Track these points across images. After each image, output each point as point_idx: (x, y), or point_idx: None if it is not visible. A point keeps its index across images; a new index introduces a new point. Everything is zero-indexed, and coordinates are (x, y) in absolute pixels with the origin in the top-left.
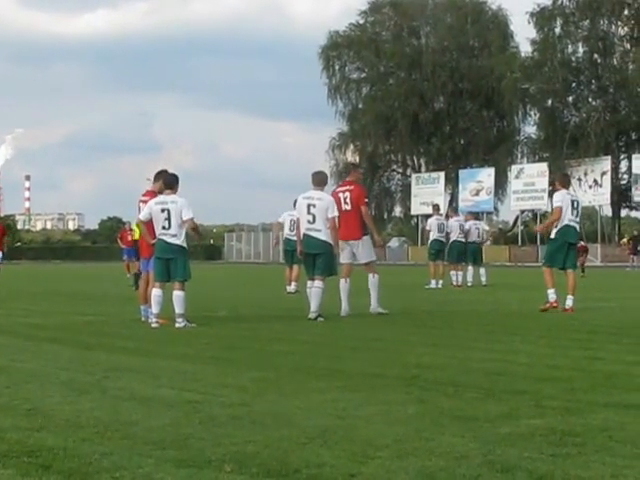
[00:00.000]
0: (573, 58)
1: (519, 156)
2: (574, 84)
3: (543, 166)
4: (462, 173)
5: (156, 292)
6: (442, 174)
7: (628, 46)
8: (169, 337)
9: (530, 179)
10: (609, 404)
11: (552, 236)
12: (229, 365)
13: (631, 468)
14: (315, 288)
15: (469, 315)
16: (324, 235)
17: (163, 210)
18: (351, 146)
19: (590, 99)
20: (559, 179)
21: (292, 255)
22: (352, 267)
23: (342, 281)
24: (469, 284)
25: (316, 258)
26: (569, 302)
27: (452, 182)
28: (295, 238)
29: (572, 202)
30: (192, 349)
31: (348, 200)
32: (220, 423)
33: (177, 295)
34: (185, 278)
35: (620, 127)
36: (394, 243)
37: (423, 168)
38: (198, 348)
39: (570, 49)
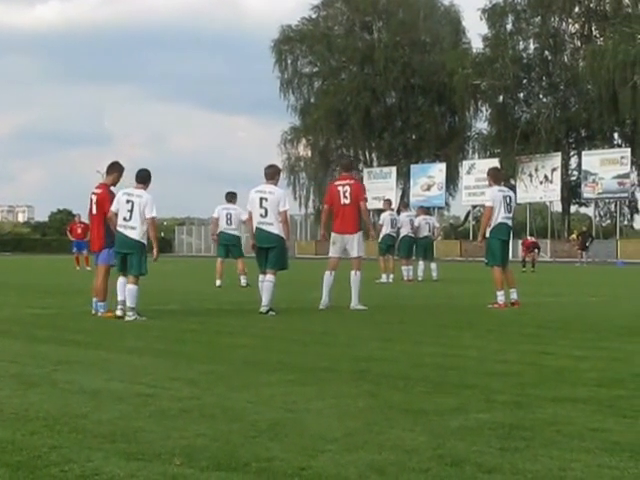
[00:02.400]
0: (524, 55)
1: (470, 152)
2: (525, 80)
3: (494, 162)
4: (414, 168)
5: (121, 280)
6: (394, 169)
7: (578, 43)
8: (119, 330)
9: (481, 174)
10: (557, 398)
11: (487, 235)
12: (179, 358)
13: (578, 462)
14: (267, 282)
15: (420, 310)
16: (276, 229)
17: (128, 201)
18: (303, 140)
19: (541, 96)
20: (490, 175)
21: (225, 248)
22: (339, 261)
23: (327, 273)
24: (420, 279)
25: (268, 252)
26: (514, 295)
27: (404, 177)
28: (230, 232)
29: (504, 198)
30: (142, 342)
31: (347, 194)
32: (170, 416)
33: (130, 289)
34: (140, 273)
35: (570, 124)
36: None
37: (375, 163)
38: (148, 341)
39: (521, 46)
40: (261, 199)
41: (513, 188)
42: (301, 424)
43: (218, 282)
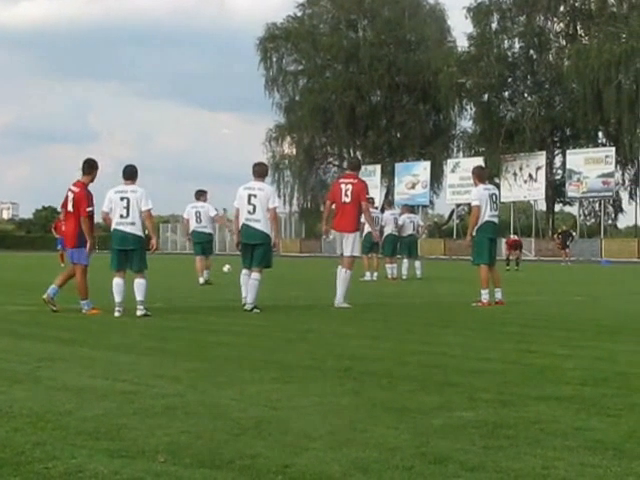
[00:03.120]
0: (509, 53)
1: (455, 150)
2: (510, 79)
3: (479, 160)
4: (398, 166)
5: (117, 281)
6: (378, 167)
7: (563, 42)
8: (104, 327)
9: (466, 173)
10: (541, 397)
11: (474, 234)
12: (163, 356)
13: (561, 460)
14: (252, 280)
15: (404, 308)
16: (263, 226)
17: (122, 198)
18: (288, 138)
19: (526, 94)
20: (475, 173)
21: (201, 246)
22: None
23: (342, 270)
24: (404, 277)
25: (254, 249)
26: (498, 295)
27: (388, 175)
28: (202, 230)
29: (490, 196)
30: (127, 340)
31: (349, 193)
32: (154, 414)
33: (139, 282)
34: (146, 267)
35: (555, 123)
36: (330, 236)
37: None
38: (133, 339)
39: (506, 44)
40: (250, 195)
41: (497, 187)
42: (285, 422)
43: (201, 280)
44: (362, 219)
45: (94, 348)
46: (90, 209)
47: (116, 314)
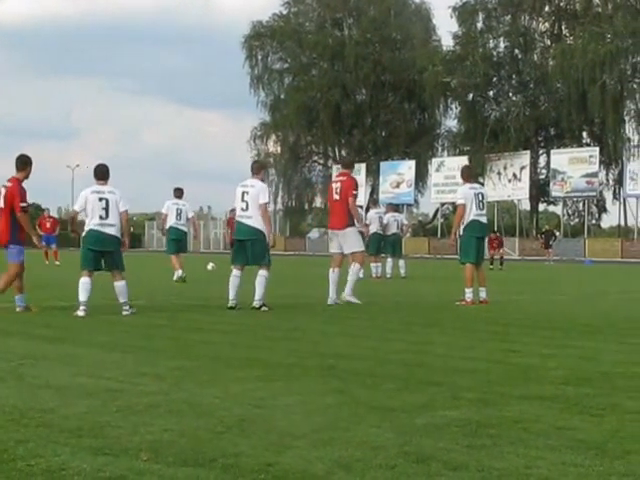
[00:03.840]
0: (494, 53)
1: (440, 149)
2: (495, 79)
3: (463, 159)
4: (383, 165)
5: (86, 280)
6: (363, 166)
7: (548, 42)
8: (87, 325)
9: (450, 172)
10: (524, 396)
11: (461, 232)
12: (147, 354)
13: (544, 459)
14: (260, 277)
15: (388, 307)
16: (255, 222)
17: (101, 199)
18: (273, 136)
19: (510, 94)
20: (462, 173)
21: (177, 243)
22: (342, 257)
23: (330, 271)
24: (388, 276)
25: (247, 245)
26: (483, 294)
27: (373, 174)
28: (180, 227)
29: (476, 195)
30: (110, 337)
31: (338, 190)
32: (137, 411)
33: (121, 285)
34: (122, 270)
35: (539, 122)
36: (314, 234)
37: None
38: (116, 336)
39: (491, 44)
40: (243, 193)
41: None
42: (268, 420)
43: (177, 275)
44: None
45: (78, 346)
46: (24, 204)
47: (80, 313)
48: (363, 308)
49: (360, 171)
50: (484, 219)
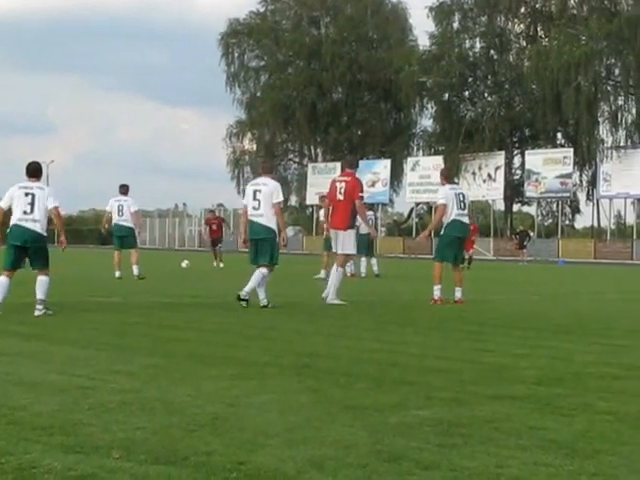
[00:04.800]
0: (470, 53)
1: (415, 149)
2: (470, 79)
3: (438, 159)
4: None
5: (4, 280)
6: (338, 164)
7: (524, 43)
8: (60, 322)
9: (425, 172)
10: (496, 396)
11: (441, 232)
12: (120, 351)
13: (515, 459)
14: (258, 272)
15: (363, 306)
16: (267, 221)
17: (27, 194)
18: (248, 134)
19: (486, 94)
20: (441, 173)
21: (120, 240)
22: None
23: (334, 268)
24: (363, 275)
25: (259, 244)
26: (458, 294)
27: None
28: (122, 223)
29: (457, 196)
30: (84, 334)
31: (342, 191)
32: (109, 409)
33: (42, 280)
34: (46, 267)
35: (514, 123)
36: (289, 232)
37: (320, 158)
38: (90, 334)
39: (467, 44)
40: (255, 191)
41: None
42: (242, 419)
43: (117, 273)
44: (321, 217)
45: (51, 342)
46: None
47: None
48: (338, 307)
49: (335, 170)
50: (465, 219)
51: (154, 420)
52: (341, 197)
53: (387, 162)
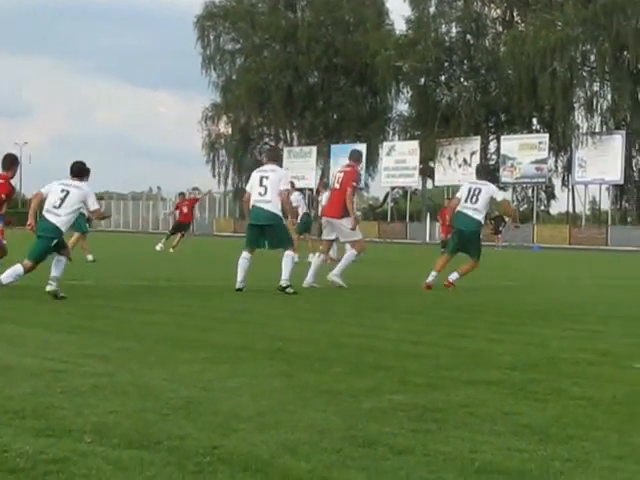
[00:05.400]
0: (446, 38)
1: (391, 133)
2: (447, 64)
3: (414, 144)
4: (334, 148)
5: (20, 269)
6: (314, 148)
7: (500, 28)
8: (33, 306)
9: (401, 156)
10: (471, 381)
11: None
12: (93, 335)
13: (489, 444)
14: (286, 257)
15: (337, 290)
16: (273, 207)
17: (63, 190)
18: (224, 117)
19: (462, 79)
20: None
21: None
22: (331, 244)
23: (315, 255)
24: (334, 258)
25: (266, 230)
26: (452, 276)
27: (324, 157)
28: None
29: (469, 190)
30: (57, 318)
31: (340, 180)
32: (82, 393)
33: (60, 260)
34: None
35: (490, 108)
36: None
37: (295, 142)
38: (63, 317)
39: (444, 29)
40: (262, 177)
41: (432, 171)
42: (215, 403)
43: (89, 257)
44: (295, 203)
45: (25, 326)
46: None
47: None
48: (312, 292)
49: (311, 154)
50: (469, 212)
51: (127, 404)
52: (337, 186)
53: (362, 146)
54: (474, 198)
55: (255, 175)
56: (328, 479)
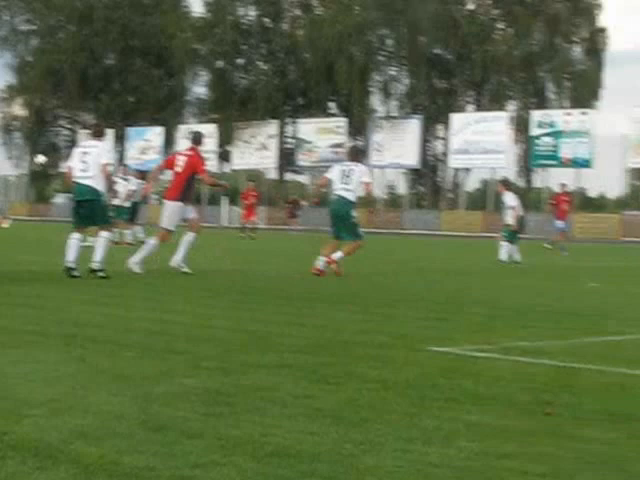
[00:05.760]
0: (244, 21)
1: (188, 116)
2: (244, 47)
3: (212, 127)
4: (130, 131)
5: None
6: (111, 131)
7: (298, 12)
8: None
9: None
10: (262, 365)
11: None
12: None
13: (279, 427)
14: (99, 238)
15: (135, 274)
16: (94, 182)
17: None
18: (19, 99)
19: (260, 63)
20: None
21: None
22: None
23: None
24: (132, 242)
25: (84, 205)
26: (335, 255)
27: (121, 140)
28: None
29: (342, 171)
30: None
31: (182, 164)
32: None
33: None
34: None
35: (288, 92)
36: (59, 199)
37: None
38: None
39: (242, 12)
40: (83, 153)
41: (228, 154)
42: (5, 388)
43: None
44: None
45: None
46: None
47: None
48: (111, 276)
49: (108, 137)
50: (344, 194)
51: None
52: (179, 170)
53: (159, 129)
54: (347, 179)
55: (77, 151)
56: (119, 464)
